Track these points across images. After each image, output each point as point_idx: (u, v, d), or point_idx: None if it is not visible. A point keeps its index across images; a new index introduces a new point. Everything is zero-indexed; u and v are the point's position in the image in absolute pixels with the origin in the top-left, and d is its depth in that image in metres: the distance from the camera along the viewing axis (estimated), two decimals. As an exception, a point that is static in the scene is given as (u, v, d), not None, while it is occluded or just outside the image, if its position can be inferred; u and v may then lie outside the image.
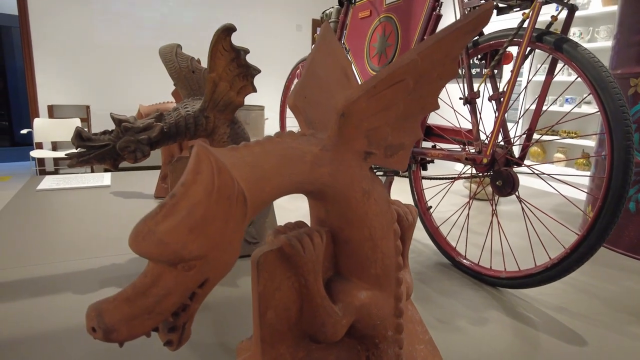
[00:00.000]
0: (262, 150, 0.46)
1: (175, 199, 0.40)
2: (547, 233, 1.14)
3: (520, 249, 1.27)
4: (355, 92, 0.50)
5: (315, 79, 0.61)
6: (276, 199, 0.49)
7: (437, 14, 1.24)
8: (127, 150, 1.05)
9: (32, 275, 1.01)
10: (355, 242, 0.57)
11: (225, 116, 1.16)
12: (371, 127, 0.53)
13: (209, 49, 1.06)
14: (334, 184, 0.53)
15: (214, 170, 0.40)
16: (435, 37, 0.50)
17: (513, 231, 1.43)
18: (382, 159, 0.57)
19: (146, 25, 4.88)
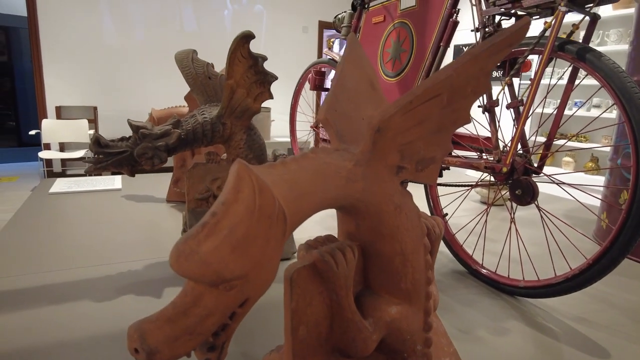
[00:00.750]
0: (298, 167, 0.46)
1: (217, 217, 0.39)
2: (564, 242, 1.14)
3: (536, 257, 1.27)
4: (392, 107, 0.49)
5: (344, 92, 0.61)
6: (311, 216, 0.49)
7: (453, 20, 1.23)
8: (145, 156, 1.05)
9: (49, 282, 1.01)
10: (385, 256, 0.57)
11: (242, 123, 1.16)
12: (405, 142, 0.53)
13: (228, 56, 1.06)
14: (366, 199, 0.52)
15: (255, 188, 0.40)
16: (471, 53, 0.50)
17: (528, 238, 1.42)
18: (413, 173, 0.57)
19: (154, 27, 4.90)
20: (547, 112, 3.52)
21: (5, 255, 1.15)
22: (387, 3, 1.52)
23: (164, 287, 1.01)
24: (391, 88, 1.51)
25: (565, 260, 1.02)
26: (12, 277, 1.03)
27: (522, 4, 0.96)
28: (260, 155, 1.22)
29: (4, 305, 0.90)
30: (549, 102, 3.74)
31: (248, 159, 1.20)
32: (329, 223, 1.55)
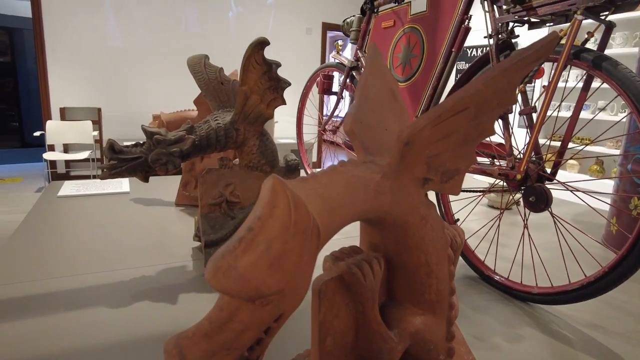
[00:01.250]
0: (329, 181, 0.46)
1: (253, 233, 0.40)
2: (576, 247, 1.14)
3: (547, 262, 1.27)
4: (421, 120, 0.49)
5: (367, 102, 0.61)
6: (341, 229, 0.49)
7: (465, 27, 1.23)
8: (159, 162, 1.06)
9: (61, 288, 1.02)
10: (410, 268, 0.57)
11: (255, 128, 1.17)
12: (432, 154, 0.53)
13: (242, 62, 1.06)
14: (393, 211, 0.52)
15: (290, 204, 0.40)
16: (500, 67, 0.50)
17: (538, 243, 1.42)
18: (438, 185, 0.57)
19: (158, 28, 4.91)
20: (555, 116, 3.52)
21: (17, 261, 1.15)
22: (397, 8, 1.52)
23: (178, 294, 1.01)
24: (402, 92, 1.51)
25: (578, 266, 1.02)
26: (23, 283, 1.03)
27: (537, 11, 0.96)
28: (273, 161, 1.22)
29: (15, 312, 0.90)
30: (554, 104, 3.74)
31: (260, 164, 1.20)
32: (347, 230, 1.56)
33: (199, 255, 1.24)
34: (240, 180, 1.20)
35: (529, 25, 1.08)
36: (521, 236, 1.11)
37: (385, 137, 0.61)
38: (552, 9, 0.92)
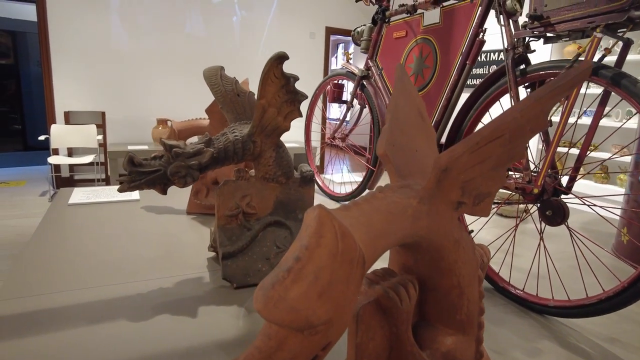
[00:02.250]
0: (371, 209, 0.47)
1: (301, 263, 0.40)
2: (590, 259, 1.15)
3: (561, 274, 1.27)
4: (459, 148, 0.50)
5: (398, 124, 0.62)
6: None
7: (480, 40, 1.24)
8: (178, 175, 1.06)
9: (78, 301, 1.02)
10: (443, 289, 0.58)
11: (272, 140, 1.17)
12: (466, 179, 0.54)
13: (261, 76, 1.07)
14: (429, 235, 0.53)
15: (337, 234, 0.41)
16: (535, 96, 0.51)
17: (551, 253, 1.43)
18: (470, 208, 0.58)
19: (163, 32, 4.91)
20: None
21: (32, 273, 1.16)
22: (410, 19, 1.53)
23: (198, 306, 1.01)
24: (413, 103, 1.51)
25: (594, 278, 1.03)
26: (40, 296, 1.03)
27: (555, 28, 0.97)
28: (288, 172, 1.23)
29: (32, 326, 0.90)
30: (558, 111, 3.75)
31: (276, 175, 1.21)
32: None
33: (214, 266, 1.25)
34: (256, 191, 1.21)
35: (545, 40, 1.09)
36: (537, 248, 1.12)
37: (416, 158, 0.62)
38: (571, 25, 0.93)
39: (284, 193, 1.24)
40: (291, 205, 1.25)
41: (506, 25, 1.12)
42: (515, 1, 1.11)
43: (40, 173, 5.41)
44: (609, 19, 0.86)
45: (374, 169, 1.76)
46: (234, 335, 0.90)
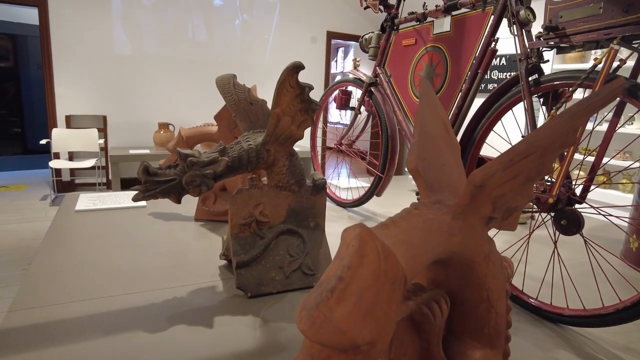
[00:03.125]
0: (409, 227, 0.47)
1: (344, 283, 0.40)
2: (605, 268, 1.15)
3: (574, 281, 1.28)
4: (494, 165, 0.50)
5: (426, 138, 0.62)
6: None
7: (492, 49, 1.25)
8: (193, 184, 1.06)
9: (94, 311, 1.01)
10: (472, 303, 0.58)
11: (285, 149, 1.18)
12: (498, 195, 0.54)
13: (277, 85, 1.07)
14: (461, 251, 0.53)
15: (380, 254, 0.41)
16: (568, 114, 0.52)
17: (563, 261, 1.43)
18: (499, 222, 0.58)
19: (165, 37, 4.92)
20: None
21: (44, 282, 1.15)
22: (419, 27, 1.54)
23: (214, 316, 1.01)
24: (423, 111, 1.52)
25: (615, 293, 1.04)
26: (53, 306, 1.03)
27: (570, 39, 0.98)
28: (301, 180, 1.23)
29: (46, 338, 0.90)
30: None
31: (289, 184, 1.21)
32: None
33: (226, 274, 1.24)
34: (269, 199, 1.21)
35: (558, 50, 1.10)
36: (551, 257, 1.12)
37: (444, 172, 0.62)
38: (586, 37, 0.94)
39: (296, 201, 1.24)
40: (303, 213, 1.25)
41: (519, 35, 1.13)
42: (529, 11, 1.12)
43: (40, 177, 5.38)
44: (626, 31, 0.87)
45: (382, 176, 1.76)
46: (252, 346, 0.90)
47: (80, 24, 4.49)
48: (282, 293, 1.14)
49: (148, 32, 4.81)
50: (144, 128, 4.92)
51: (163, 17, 4.87)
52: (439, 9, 1.41)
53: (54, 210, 3.97)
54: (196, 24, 5.06)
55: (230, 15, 5.22)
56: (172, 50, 4.96)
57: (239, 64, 5.29)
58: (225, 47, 5.24)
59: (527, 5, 1.13)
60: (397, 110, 1.62)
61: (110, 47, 4.68)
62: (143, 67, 4.86)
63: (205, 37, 5.14)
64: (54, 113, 4.53)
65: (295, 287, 1.16)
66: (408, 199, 2.31)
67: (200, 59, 5.11)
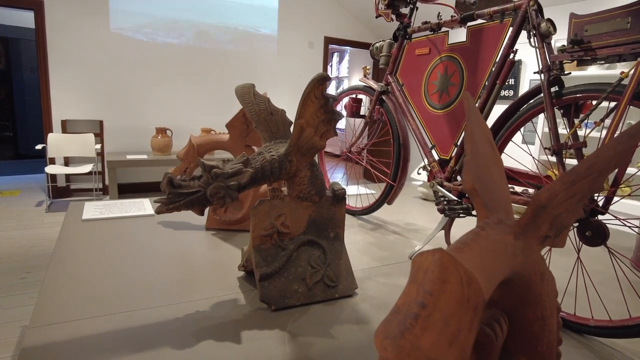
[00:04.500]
0: (481, 249, 0.47)
1: (428, 310, 0.40)
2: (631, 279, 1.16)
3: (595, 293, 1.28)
4: (557, 185, 0.50)
5: (478, 156, 0.62)
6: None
7: (511, 60, 1.26)
8: (217, 196, 1.05)
9: (117, 326, 0.99)
10: (527, 322, 0.58)
11: (307, 159, 1.17)
12: (556, 214, 0.54)
13: (302, 96, 1.07)
14: (522, 271, 0.53)
15: (463, 280, 0.41)
16: (628, 134, 0.52)
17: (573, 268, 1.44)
18: (552, 240, 0.58)
19: (162, 41, 4.88)
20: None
21: (62, 297, 1.13)
22: (433, 36, 1.55)
23: (240, 330, 1.00)
24: (438, 119, 1.53)
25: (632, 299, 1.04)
26: (74, 322, 1.00)
27: (596, 53, 0.99)
28: (322, 190, 1.22)
29: (72, 356, 0.88)
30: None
31: (311, 194, 1.20)
32: (375, 253, 1.56)
33: (246, 286, 1.23)
34: (290, 210, 1.20)
35: (579, 62, 1.11)
36: (573, 267, 1.13)
37: (496, 190, 0.62)
38: (613, 51, 0.95)
39: (317, 212, 1.23)
40: (323, 223, 1.24)
41: (540, 47, 1.14)
42: (549, 24, 1.13)
43: (33, 182, 5.28)
44: (655, 45, 0.88)
45: (394, 184, 1.76)
46: (284, 362, 0.88)
47: (77, 27, 4.44)
48: (305, 305, 1.13)
49: (144, 36, 4.77)
50: (141, 133, 4.87)
51: (160, 22, 4.84)
52: (454, 19, 1.42)
53: (50, 216, 3.90)
54: (194, 28, 5.03)
55: (230, 22, 5.21)
56: (169, 54, 4.93)
57: (237, 69, 5.27)
58: (223, 51, 5.22)
59: (547, 18, 1.14)
60: (411, 119, 1.63)
61: (107, 51, 4.63)
62: (140, 72, 4.82)
63: (203, 41, 5.12)
64: (50, 118, 4.46)
65: (318, 300, 1.15)
66: (415, 206, 2.32)
67: (196, 63, 5.08)
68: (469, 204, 1.35)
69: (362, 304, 1.16)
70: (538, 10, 1.16)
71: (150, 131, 4.87)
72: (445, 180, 1.45)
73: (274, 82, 5.50)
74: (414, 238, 1.74)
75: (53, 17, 4.32)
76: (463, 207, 1.33)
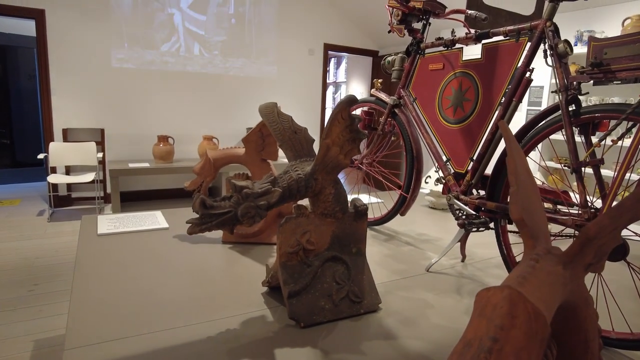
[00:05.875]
0: (539, 282, 0.49)
1: (500, 344, 0.42)
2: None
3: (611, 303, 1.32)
4: (605, 219, 0.53)
5: (521, 186, 0.65)
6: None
7: (527, 79, 1.30)
8: (248, 216, 1.07)
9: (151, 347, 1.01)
10: (570, 345, 0.61)
11: (331, 177, 1.19)
12: (602, 244, 0.57)
13: (330, 117, 1.09)
14: (570, 298, 0.56)
15: (531, 315, 0.43)
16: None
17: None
18: (595, 267, 0.61)
19: (163, 49, 4.89)
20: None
21: (91, 317, 1.14)
22: (447, 52, 1.58)
23: (273, 348, 1.01)
24: (453, 133, 1.56)
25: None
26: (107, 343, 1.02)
27: (615, 75, 1.02)
28: (345, 207, 1.25)
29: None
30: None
31: (335, 211, 1.22)
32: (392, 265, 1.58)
33: (272, 302, 1.25)
34: (314, 227, 1.22)
35: (595, 82, 1.15)
36: (592, 280, 1.16)
37: (537, 218, 0.64)
38: (633, 74, 0.99)
39: (340, 228, 1.25)
40: (346, 239, 1.27)
41: (558, 67, 1.17)
42: (566, 44, 1.17)
43: (32, 190, 5.25)
44: (674, 69, 0.92)
45: (407, 196, 1.79)
46: (320, 380, 0.90)
47: (78, 36, 4.44)
48: (332, 322, 1.15)
49: (145, 44, 4.78)
50: (142, 141, 4.87)
51: (161, 30, 4.85)
52: (469, 36, 1.46)
53: (53, 226, 3.89)
54: (192, 36, 5.05)
55: (231, 30, 5.23)
56: (170, 62, 4.94)
57: (239, 77, 5.30)
58: (225, 59, 5.24)
59: (564, 39, 1.17)
60: (424, 132, 1.66)
61: (108, 60, 4.63)
62: (141, 80, 4.82)
63: (204, 49, 5.13)
64: (51, 126, 4.45)
65: (345, 316, 1.17)
66: (424, 215, 2.35)
67: (197, 71, 5.10)
68: (486, 218, 1.38)
69: (387, 319, 1.18)
70: (555, 31, 1.20)
71: (152, 139, 4.88)
72: (462, 193, 1.48)
73: (276, 90, 5.53)
74: (427, 249, 1.77)
75: (54, 26, 4.32)
76: (481, 221, 1.36)
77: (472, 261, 1.64)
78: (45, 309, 2.40)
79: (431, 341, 1.08)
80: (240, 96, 5.26)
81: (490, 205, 1.34)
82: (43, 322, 2.28)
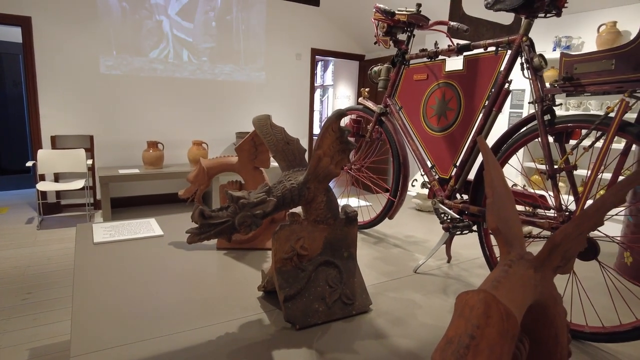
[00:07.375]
0: (512, 285, 0.56)
1: (476, 340, 0.49)
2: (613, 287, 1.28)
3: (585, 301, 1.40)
4: (570, 228, 0.60)
5: (497, 197, 0.71)
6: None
7: (506, 89, 1.38)
8: (244, 225, 1.12)
9: (154, 352, 1.05)
10: (541, 341, 0.68)
11: (323, 186, 1.26)
12: (567, 248, 0.64)
13: (321, 130, 1.16)
14: (540, 298, 0.63)
15: (503, 315, 0.50)
16: (627, 181, 0.62)
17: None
18: (563, 269, 0.68)
19: (152, 56, 4.90)
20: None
21: (93, 324, 1.18)
22: (431, 63, 1.66)
23: (271, 350, 1.07)
24: (437, 141, 1.63)
25: (632, 312, 1.16)
26: (112, 349, 1.06)
27: (585, 89, 1.11)
28: (336, 213, 1.31)
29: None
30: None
31: (327, 218, 1.28)
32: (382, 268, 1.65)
33: (268, 306, 1.30)
34: (307, 233, 1.28)
35: (567, 94, 1.23)
36: (568, 279, 1.24)
37: (512, 226, 0.71)
38: (600, 88, 1.07)
39: (332, 233, 1.31)
40: (337, 244, 1.33)
41: (534, 79, 1.25)
42: (541, 59, 1.25)
43: (19, 198, 5.20)
44: (636, 86, 1.00)
45: (394, 200, 1.86)
46: (317, 379, 0.96)
47: (66, 43, 4.42)
48: (326, 323, 1.21)
49: (134, 50, 4.79)
50: (132, 147, 4.87)
51: (150, 36, 4.86)
52: (451, 48, 1.53)
53: (42, 234, 3.87)
54: (182, 42, 5.07)
55: (221, 35, 5.26)
56: (159, 68, 4.95)
57: (227, 82, 5.33)
58: (214, 65, 5.27)
59: (539, 53, 1.26)
60: (410, 139, 1.73)
61: (96, 66, 4.63)
62: (130, 86, 4.83)
63: (192, 56, 5.15)
64: (39, 133, 4.43)
65: (338, 317, 1.23)
66: (411, 217, 2.43)
67: (187, 77, 5.11)
68: (470, 221, 1.45)
69: (377, 319, 1.25)
70: (530, 45, 1.28)
71: (142, 145, 4.88)
72: (446, 198, 1.55)
73: (266, 95, 5.57)
74: (415, 251, 1.84)
75: (40, 33, 4.30)
76: (465, 224, 1.44)
77: (458, 262, 1.71)
78: (40, 317, 2.41)
79: (419, 339, 1.15)
80: (229, 101, 5.29)
81: (473, 209, 1.42)
82: (38, 330, 2.29)
